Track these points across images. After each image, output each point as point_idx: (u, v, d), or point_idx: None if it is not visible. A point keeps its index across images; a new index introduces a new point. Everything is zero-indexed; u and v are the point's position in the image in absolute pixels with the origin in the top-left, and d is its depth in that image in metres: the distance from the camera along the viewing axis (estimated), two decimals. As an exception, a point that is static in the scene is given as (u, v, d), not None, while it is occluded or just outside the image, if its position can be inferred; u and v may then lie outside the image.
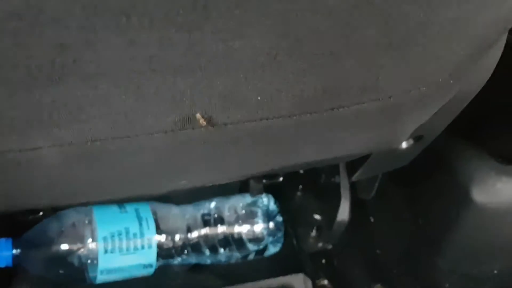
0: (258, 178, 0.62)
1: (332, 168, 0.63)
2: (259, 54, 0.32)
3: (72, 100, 0.32)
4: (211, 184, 0.53)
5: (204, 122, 0.35)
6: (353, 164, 0.59)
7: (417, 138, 0.49)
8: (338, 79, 0.36)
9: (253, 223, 0.64)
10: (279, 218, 0.65)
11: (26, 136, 0.34)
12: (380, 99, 0.38)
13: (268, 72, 0.34)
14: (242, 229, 0.63)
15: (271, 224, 0.65)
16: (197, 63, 0.32)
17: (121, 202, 0.60)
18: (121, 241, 0.57)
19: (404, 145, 0.49)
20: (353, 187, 0.65)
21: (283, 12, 0.30)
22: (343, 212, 0.64)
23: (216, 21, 0.29)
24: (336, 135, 0.43)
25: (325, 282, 0.66)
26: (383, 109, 0.40)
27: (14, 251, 0.55)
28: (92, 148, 0.35)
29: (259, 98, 0.35)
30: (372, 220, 0.69)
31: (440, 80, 0.39)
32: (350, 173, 0.61)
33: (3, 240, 0.56)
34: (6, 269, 0.56)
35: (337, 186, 0.63)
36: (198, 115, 0.35)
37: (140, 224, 0.58)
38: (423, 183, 0.63)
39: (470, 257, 0.62)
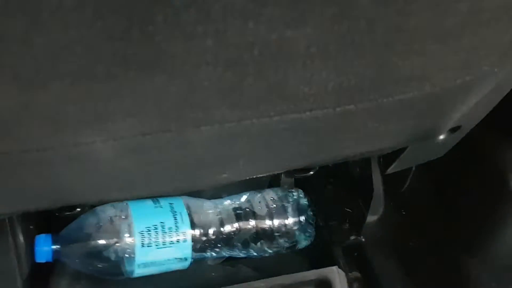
0: (289, 172, 0.62)
1: (364, 161, 0.63)
2: (310, 44, 0.32)
3: (128, 93, 0.32)
4: (249, 177, 0.53)
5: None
6: (386, 157, 0.59)
7: (454, 128, 0.48)
8: (386, 68, 0.36)
9: (284, 217, 0.64)
10: (310, 212, 0.65)
11: (81, 130, 0.34)
12: (426, 88, 0.38)
13: (318, 62, 0.34)
14: (273, 223, 0.64)
15: (302, 218, 0.65)
16: (250, 54, 0.32)
17: (154, 197, 0.61)
18: (157, 235, 0.57)
19: (441, 136, 0.49)
20: (384, 179, 0.64)
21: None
22: (376, 205, 0.64)
23: (272, 10, 0.29)
24: (379, 127, 0.43)
25: (358, 274, 0.66)
26: (427, 99, 0.40)
27: (53, 247, 0.57)
28: (143, 141, 0.36)
29: (306, 89, 0.35)
30: (403, 212, 0.69)
31: (486, 68, 0.39)
32: (383, 165, 0.61)
33: (42, 236, 0.57)
34: (45, 264, 0.57)
35: (369, 179, 0.63)
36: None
37: (175, 218, 0.59)
38: (457, 174, 0.63)
39: (507, 248, 0.62)
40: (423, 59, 0.36)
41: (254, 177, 0.58)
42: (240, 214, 0.63)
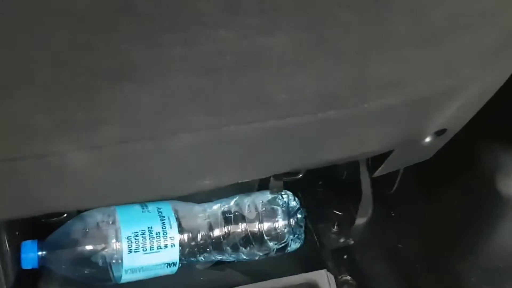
0: (278, 175, 0.62)
1: (352, 164, 0.63)
2: (283, 51, 0.32)
3: (98, 102, 0.32)
4: (232, 183, 0.53)
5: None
6: (374, 159, 0.59)
7: (440, 131, 0.48)
8: (364, 74, 0.36)
9: (273, 220, 0.64)
10: (300, 215, 0.65)
11: (54, 140, 0.34)
12: (406, 93, 0.38)
13: (293, 69, 0.34)
14: (262, 226, 0.63)
15: (292, 221, 0.65)
16: (222, 61, 0.32)
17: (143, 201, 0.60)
18: (144, 240, 0.57)
19: (427, 139, 0.49)
20: (373, 182, 0.64)
21: (314, 7, 0.30)
22: (365, 208, 0.63)
23: (244, 18, 0.29)
24: (361, 132, 0.43)
25: (348, 277, 0.65)
26: (409, 103, 0.40)
27: (40, 253, 0.56)
28: (119, 150, 0.36)
29: (284, 96, 0.35)
30: (393, 214, 0.69)
31: (468, 72, 0.39)
32: (371, 168, 0.61)
33: (28, 242, 0.56)
34: (32, 271, 0.57)
35: (358, 182, 0.63)
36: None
37: (163, 223, 0.59)
38: (446, 176, 0.63)
39: (495, 249, 0.62)
40: (401, 65, 0.36)
41: (243, 181, 0.58)
42: (229, 218, 0.63)
